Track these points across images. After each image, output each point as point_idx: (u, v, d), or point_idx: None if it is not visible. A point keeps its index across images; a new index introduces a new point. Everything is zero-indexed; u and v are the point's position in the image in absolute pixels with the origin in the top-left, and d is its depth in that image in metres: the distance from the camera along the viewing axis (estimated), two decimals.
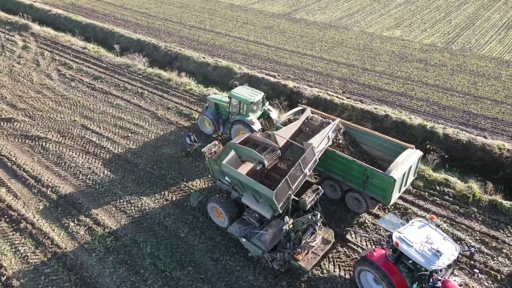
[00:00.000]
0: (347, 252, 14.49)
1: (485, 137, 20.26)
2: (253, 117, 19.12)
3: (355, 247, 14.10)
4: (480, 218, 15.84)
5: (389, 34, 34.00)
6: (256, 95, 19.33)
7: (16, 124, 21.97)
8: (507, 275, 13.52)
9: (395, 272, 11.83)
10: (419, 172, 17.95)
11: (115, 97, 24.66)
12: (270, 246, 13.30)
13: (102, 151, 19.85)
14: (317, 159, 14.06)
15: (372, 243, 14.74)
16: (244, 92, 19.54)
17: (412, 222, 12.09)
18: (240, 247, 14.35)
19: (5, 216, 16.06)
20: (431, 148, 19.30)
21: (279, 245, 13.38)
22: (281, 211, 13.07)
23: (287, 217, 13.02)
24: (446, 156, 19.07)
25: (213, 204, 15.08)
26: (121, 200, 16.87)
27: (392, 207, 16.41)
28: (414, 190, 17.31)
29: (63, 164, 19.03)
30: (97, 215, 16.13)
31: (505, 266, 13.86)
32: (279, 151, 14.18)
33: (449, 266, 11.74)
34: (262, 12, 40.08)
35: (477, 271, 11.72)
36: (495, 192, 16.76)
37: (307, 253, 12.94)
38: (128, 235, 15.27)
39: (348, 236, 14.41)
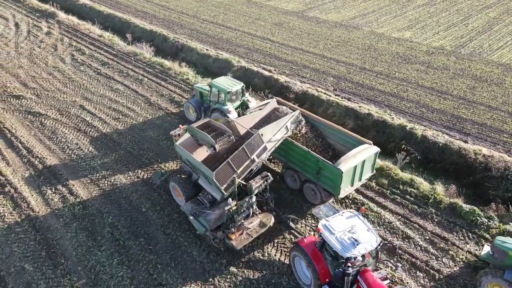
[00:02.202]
0: (293, 239, 14.96)
1: (465, 141, 19.83)
2: (230, 106, 19.88)
3: (296, 233, 14.56)
4: (436, 219, 15.74)
5: (399, 35, 33.49)
6: (235, 86, 20.08)
7: (23, 101, 24.03)
8: (446, 275, 13.49)
9: (320, 260, 12.20)
10: (386, 170, 18.04)
11: (116, 82, 26.24)
12: (213, 225, 14.05)
13: (92, 130, 21.37)
14: (267, 147, 14.60)
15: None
16: (224, 82, 20.34)
17: (343, 212, 12.40)
18: (193, 225, 15.18)
19: None
20: (405, 148, 19.23)
21: (222, 225, 14.12)
22: (225, 192, 13.77)
23: (230, 199, 13.73)
24: (418, 157, 18.94)
25: (173, 184, 16.02)
26: (97, 175, 18.22)
27: (350, 201, 16.66)
28: (377, 187, 17.41)
29: (55, 138, 20.70)
30: (73, 186, 17.55)
31: (446, 267, 13.81)
32: (232, 137, 14.86)
33: (374, 257, 12.00)
34: (277, 9, 40.59)
35: (399, 265, 11.89)
36: (458, 195, 16.53)
37: (241, 233, 13.59)
38: (95, 205, 16.55)
39: (291, 224, 14.88)
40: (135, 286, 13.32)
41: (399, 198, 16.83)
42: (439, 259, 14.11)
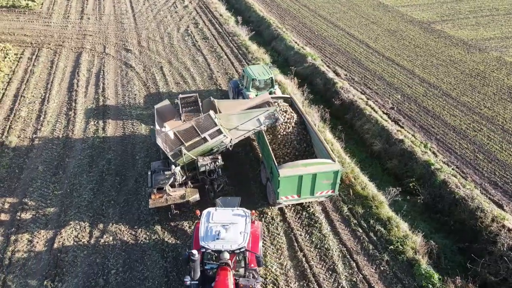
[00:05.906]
0: None
1: (501, 205, 15.63)
2: (252, 92, 20.53)
3: None
4: (381, 267, 13.52)
5: None
6: (264, 75, 20.58)
7: (128, 54, 29.63)
8: None
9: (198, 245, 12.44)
10: (369, 200, 16.02)
11: (200, 55, 29.53)
12: (157, 184, 15.52)
13: (153, 87, 25.13)
14: (222, 130, 15.06)
15: None
16: (256, 69, 21.05)
17: (236, 209, 12.26)
18: None
19: (66, 104, 23.26)
20: (412, 187, 16.52)
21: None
22: (172, 159, 15.08)
23: (173, 166, 15.02)
24: (420, 201, 16.03)
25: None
26: (130, 121, 21.73)
27: (307, 214, 15.63)
28: (347, 213, 15.71)
29: (126, 86, 25.23)
30: (108, 124, 21.49)
31: None
32: (202, 114, 15.87)
33: (244, 265, 11.54)
34: (404, 16, 37.16)
35: (261, 279, 11.19)
36: (425, 254, 13.59)
37: (161, 197, 14.69)
38: (109, 142, 20.04)
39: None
40: (87, 209, 16.10)
41: (360, 231, 14.91)
42: None
